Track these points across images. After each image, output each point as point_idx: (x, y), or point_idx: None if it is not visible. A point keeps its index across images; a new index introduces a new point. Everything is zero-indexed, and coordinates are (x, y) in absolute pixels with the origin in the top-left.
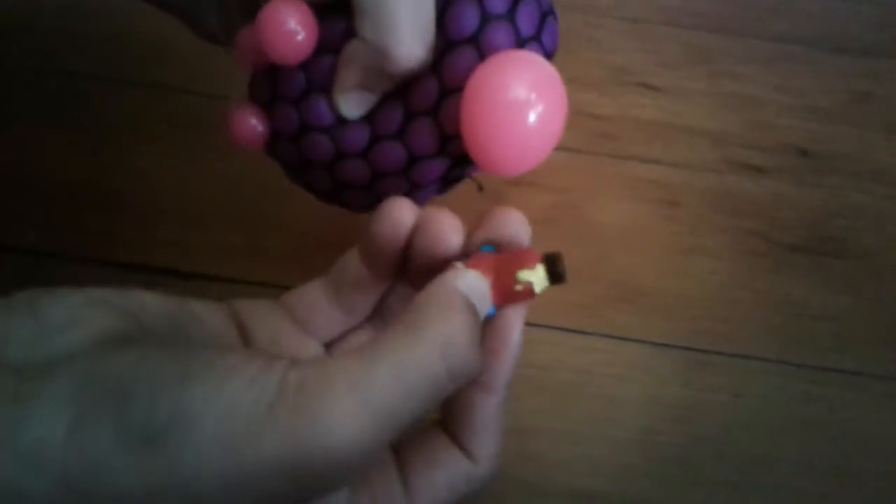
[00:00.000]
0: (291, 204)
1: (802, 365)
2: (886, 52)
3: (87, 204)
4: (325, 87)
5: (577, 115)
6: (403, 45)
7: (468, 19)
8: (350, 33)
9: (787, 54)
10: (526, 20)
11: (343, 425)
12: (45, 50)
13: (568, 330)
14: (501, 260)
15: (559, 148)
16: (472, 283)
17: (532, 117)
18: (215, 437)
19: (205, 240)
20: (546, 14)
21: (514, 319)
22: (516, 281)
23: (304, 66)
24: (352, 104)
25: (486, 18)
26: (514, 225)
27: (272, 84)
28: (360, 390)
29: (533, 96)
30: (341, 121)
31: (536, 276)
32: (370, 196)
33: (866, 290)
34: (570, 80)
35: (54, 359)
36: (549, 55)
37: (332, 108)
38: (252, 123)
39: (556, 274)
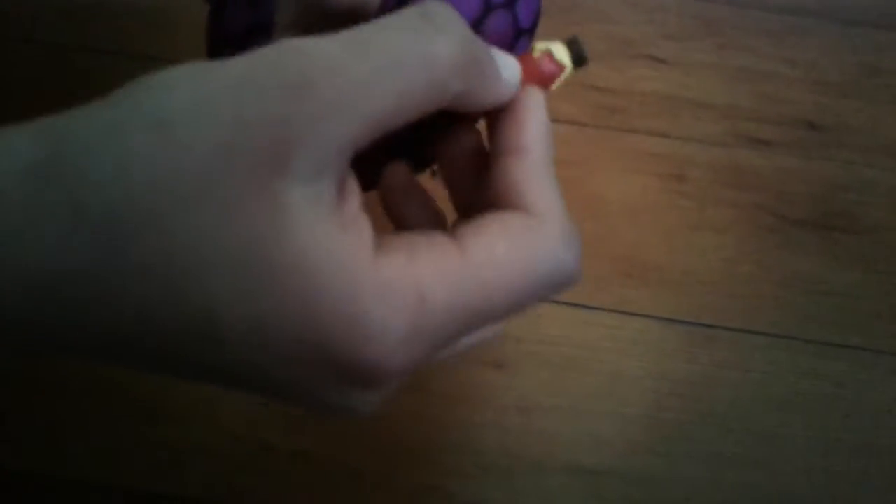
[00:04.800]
0: None
1: (810, 340)
2: None
3: None
4: (271, 27)
5: (583, 88)
6: None
7: None
8: None
9: (796, 27)
10: None
11: (313, 41)
12: (43, 25)
13: (573, 305)
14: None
15: (565, 121)
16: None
17: None
18: (184, 72)
19: None
20: None
21: (529, 89)
22: (534, 51)
23: (254, 1)
24: None
25: None
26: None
27: (219, 22)
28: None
29: None
30: None
31: (555, 49)
32: None
33: (875, 264)
34: None
35: None
36: (523, 28)
37: None
38: None
39: (578, 54)
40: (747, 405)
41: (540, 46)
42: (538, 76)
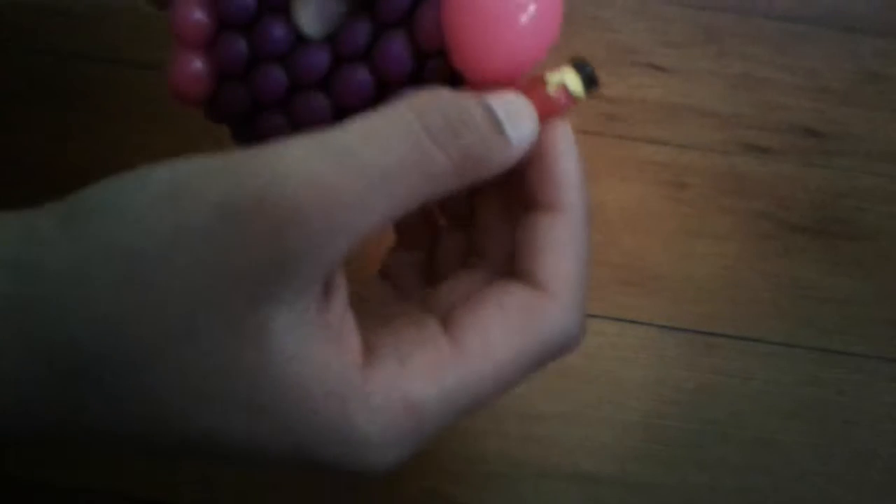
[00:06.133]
0: None
1: (810, 347)
2: None
3: (87, 184)
4: (279, 6)
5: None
6: None
7: None
8: None
9: (797, 34)
10: None
11: (300, 162)
12: (43, 30)
13: None
14: (524, 82)
15: None
16: (496, 99)
17: (524, 18)
18: (155, 195)
19: None
20: None
21: (555, 124)
22: (546, 84)
23: None
24: (312, 16)
25: None
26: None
27: (216, 13)
28: (324, 136)
29: None
30: (299, 42)
31: (569, 79)
32: None
33: (875, 271)
34: None
35: None
36: None
37: (289, 28)
38: (195, 67)
39: (588, 76)
40: (747, 412)
41: (553, 79)
42: (551, 112)
